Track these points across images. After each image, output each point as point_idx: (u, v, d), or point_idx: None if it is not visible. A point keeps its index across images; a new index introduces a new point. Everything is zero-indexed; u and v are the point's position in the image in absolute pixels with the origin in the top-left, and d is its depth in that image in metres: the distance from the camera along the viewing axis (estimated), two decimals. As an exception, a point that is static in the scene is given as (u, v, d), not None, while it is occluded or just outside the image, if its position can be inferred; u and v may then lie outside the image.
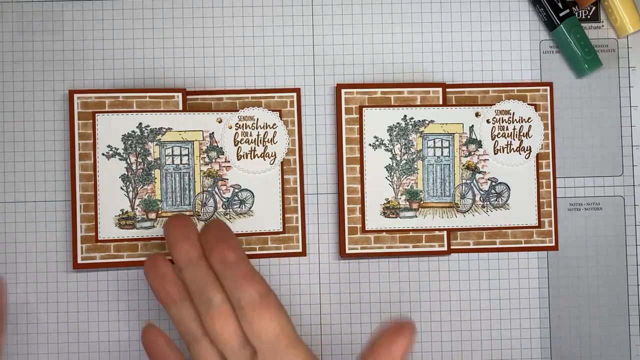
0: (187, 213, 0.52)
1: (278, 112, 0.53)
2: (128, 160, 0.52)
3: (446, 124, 0.53)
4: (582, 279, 0.54)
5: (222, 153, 0.52)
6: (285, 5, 0.54)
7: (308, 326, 0.53)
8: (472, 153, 0.53)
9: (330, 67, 0.54)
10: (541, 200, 0.53)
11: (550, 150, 0.54)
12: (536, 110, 0.53)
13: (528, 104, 0.53)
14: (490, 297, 0.54)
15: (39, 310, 0.52)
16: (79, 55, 0.53)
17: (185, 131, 0.52)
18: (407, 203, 0.53)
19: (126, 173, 0.52)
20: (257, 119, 0.52)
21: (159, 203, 0.52)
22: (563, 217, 0.54)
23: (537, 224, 0.53)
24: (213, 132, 0.52)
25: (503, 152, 0.53)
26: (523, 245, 0.53)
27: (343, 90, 0.53)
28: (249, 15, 0.54)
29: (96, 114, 0.52)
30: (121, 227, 0.51)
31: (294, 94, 0.53)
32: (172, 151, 0.52)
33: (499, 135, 0.53)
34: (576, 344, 0.54)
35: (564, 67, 0.54)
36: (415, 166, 0.53)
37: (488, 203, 0.53)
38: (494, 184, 0.53)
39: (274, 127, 0.52)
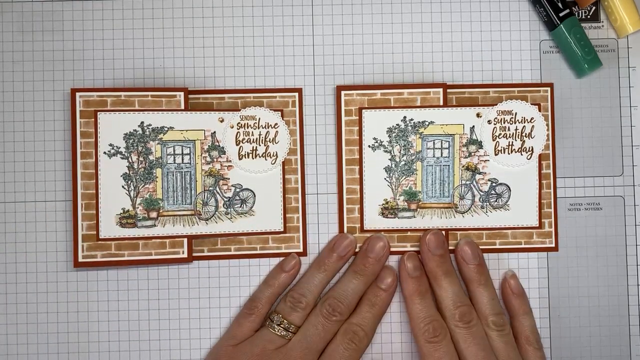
0: (189, 212, 0.53)
1: (280, 112, 0.53)
2: (129, 159, 0.53)
3: (446, 124, 0.54)
4: (582, 279, 0.55)
5: (224, 152, 0.53)
6: (285, 5, 0.55)
7: (308, 326, 0.54)
8: (473, 154, 0.54)
9: (331, 67, 0.54)
10: (542, 200, 0.54)
11: (550, 151, 0.54)
12: (536, 111, 0.54)
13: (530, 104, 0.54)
14: (490, 297, 0.54)
15: (39, 310, 0.53)
16: (79, 55, 0.54)
17: (187, 130, 0.53)
18: (406, 204, 0.54)
19: (127, 172, 0.53)
20: (259, 118, 0.53)
21: (160, 202, 0.53)
22: (563, 217, 0.55)
23: (537, 225, 0.54)
24: (215, 132, 0.53)
25: (504, 152, 0.54)
26: (523, 246, 0.54)
27: (343, 92, 0.54)
28: (249, 15, 0.54)
29: (98, 113, 0.52)
30: (122, 226, 0.52)
31: (296, 94, 0.54)
32: (174, 150, 0.53)
33: (500, 136, 0.53)
34: (576, 344, 0.54)
35: (564, 67, 0.55)
36: (414, 167, 0.54)
37: (487, 204, 0.54)
38: (494, 184, 0.54)
39: (276, 126, 0.53)
